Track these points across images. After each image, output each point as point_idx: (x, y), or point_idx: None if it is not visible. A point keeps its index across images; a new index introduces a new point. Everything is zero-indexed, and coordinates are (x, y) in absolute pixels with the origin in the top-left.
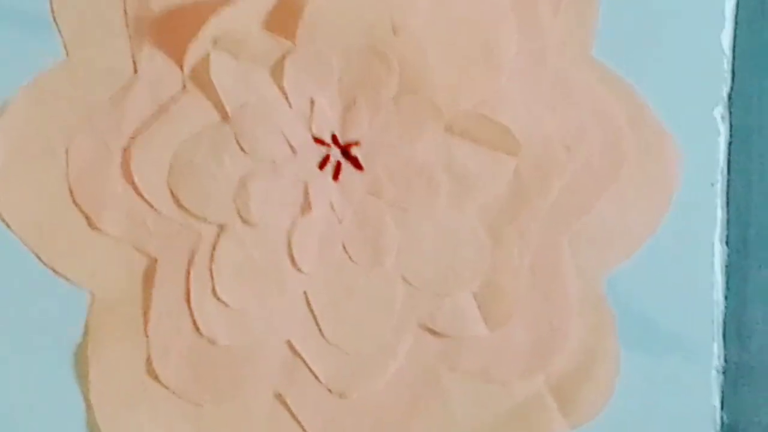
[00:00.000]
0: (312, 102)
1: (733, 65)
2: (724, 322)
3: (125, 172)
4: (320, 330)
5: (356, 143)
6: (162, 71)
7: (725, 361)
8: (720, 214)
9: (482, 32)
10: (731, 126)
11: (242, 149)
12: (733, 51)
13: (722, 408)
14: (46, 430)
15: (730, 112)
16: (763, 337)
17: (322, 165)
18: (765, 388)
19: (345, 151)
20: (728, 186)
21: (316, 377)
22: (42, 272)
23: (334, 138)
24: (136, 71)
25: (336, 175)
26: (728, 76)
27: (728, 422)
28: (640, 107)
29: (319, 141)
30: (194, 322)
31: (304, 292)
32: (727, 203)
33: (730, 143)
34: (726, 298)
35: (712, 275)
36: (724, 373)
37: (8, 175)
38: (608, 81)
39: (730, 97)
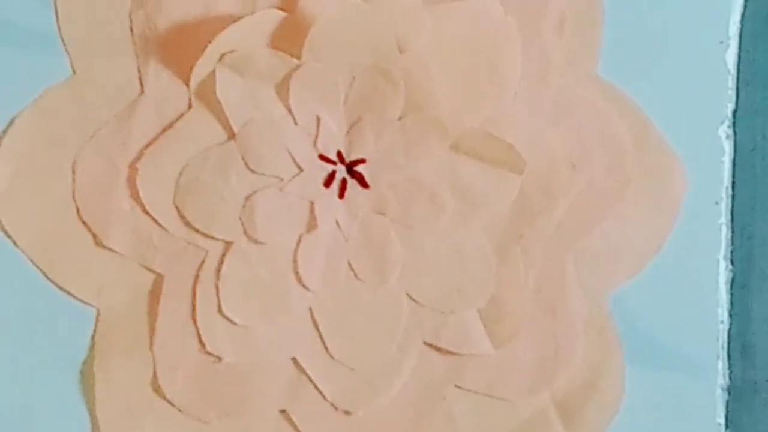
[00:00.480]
0: (318, 120)
1: (737, 84)
2: (729, 340)
3: (131, 189)
4: (326, 347)
5: (362, 161)
6: (168, 89)
7: (730, 378)
8: (725, 232)
9: (487, 51)
10: (735, 144)
11: (248, 167)
12: (738, 69)
13: (727, 426)
14: None
15: (735, 131)
16: None
17: (328, 183)
18: None
19: (350, 169)
20: (732, 204)
21: (322, 394)
22: (48, 289)
23: (340, 155)
24: (142, 89)
25: (342, 193)
26: (733, 94)
27: None
28: (645, 126)
29: (324, 159)
30: (200, 339)
31: (310, 310)
32: (732, 221)
33: (734, 161)
34: (731, 315)
35: (717, 293)
36: (728, 390)
37: (15, 191)
38: (613, 99)
39: (734, 116)
